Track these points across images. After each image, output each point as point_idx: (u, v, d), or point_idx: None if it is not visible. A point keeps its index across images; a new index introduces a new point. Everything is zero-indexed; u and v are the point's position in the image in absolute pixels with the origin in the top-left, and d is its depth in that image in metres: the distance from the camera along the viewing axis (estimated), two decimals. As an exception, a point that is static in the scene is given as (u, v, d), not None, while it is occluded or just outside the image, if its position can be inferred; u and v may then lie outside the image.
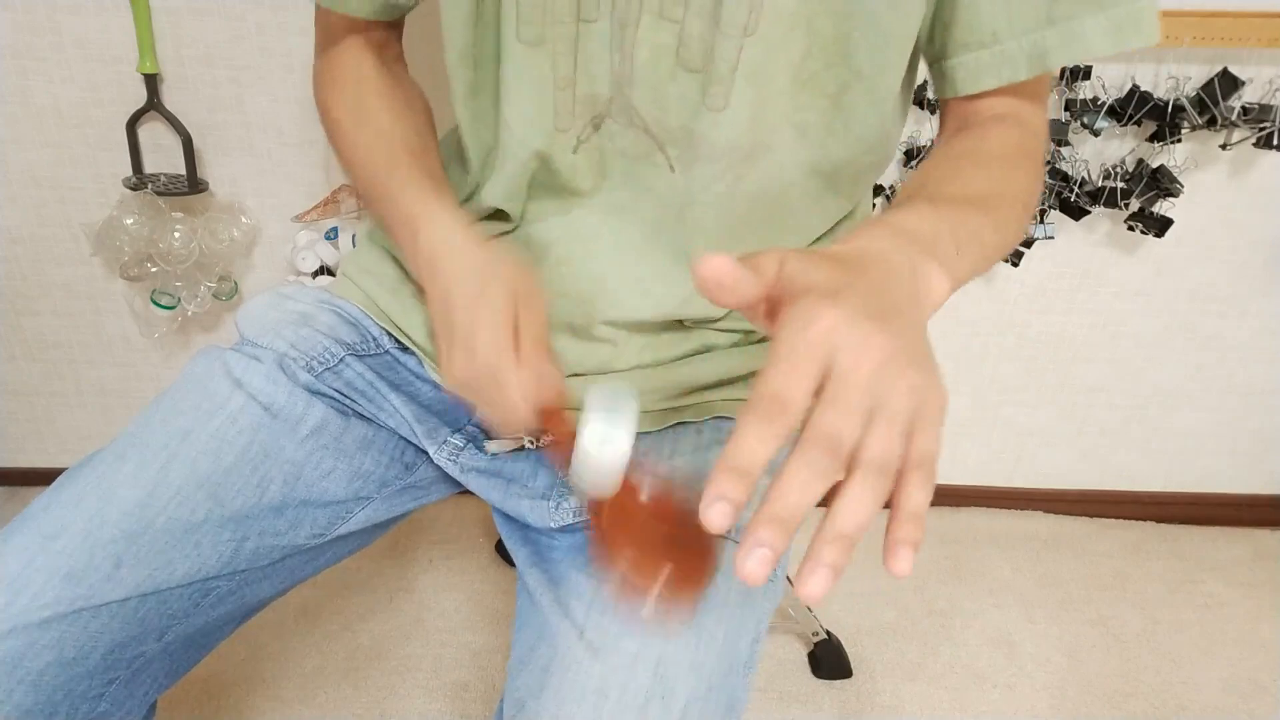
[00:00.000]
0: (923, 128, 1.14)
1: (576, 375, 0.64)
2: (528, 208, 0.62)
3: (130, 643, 0.53)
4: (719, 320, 0.64)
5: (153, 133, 1.12)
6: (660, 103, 0.54)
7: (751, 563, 0.30)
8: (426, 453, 0.65)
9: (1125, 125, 1.10)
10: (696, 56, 0.52)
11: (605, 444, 0.47)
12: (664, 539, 0.50)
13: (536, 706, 0.51)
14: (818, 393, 0.32)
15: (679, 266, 0.59)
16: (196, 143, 1.11)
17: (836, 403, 0.32)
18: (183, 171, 1.12)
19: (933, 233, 0.43)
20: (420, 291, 0.68)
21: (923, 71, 0.61)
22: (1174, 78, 1.09)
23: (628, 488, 0.50)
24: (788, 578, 1.11)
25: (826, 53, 0.53)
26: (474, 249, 0.54)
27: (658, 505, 0.51)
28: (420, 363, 0.67)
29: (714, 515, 0.31)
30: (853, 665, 1.16)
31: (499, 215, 0.63)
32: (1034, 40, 0.52)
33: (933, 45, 0.56)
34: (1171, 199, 1.14)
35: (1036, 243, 1.22)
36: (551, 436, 0.53)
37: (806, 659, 1.17)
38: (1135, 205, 1.15)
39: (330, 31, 0.66)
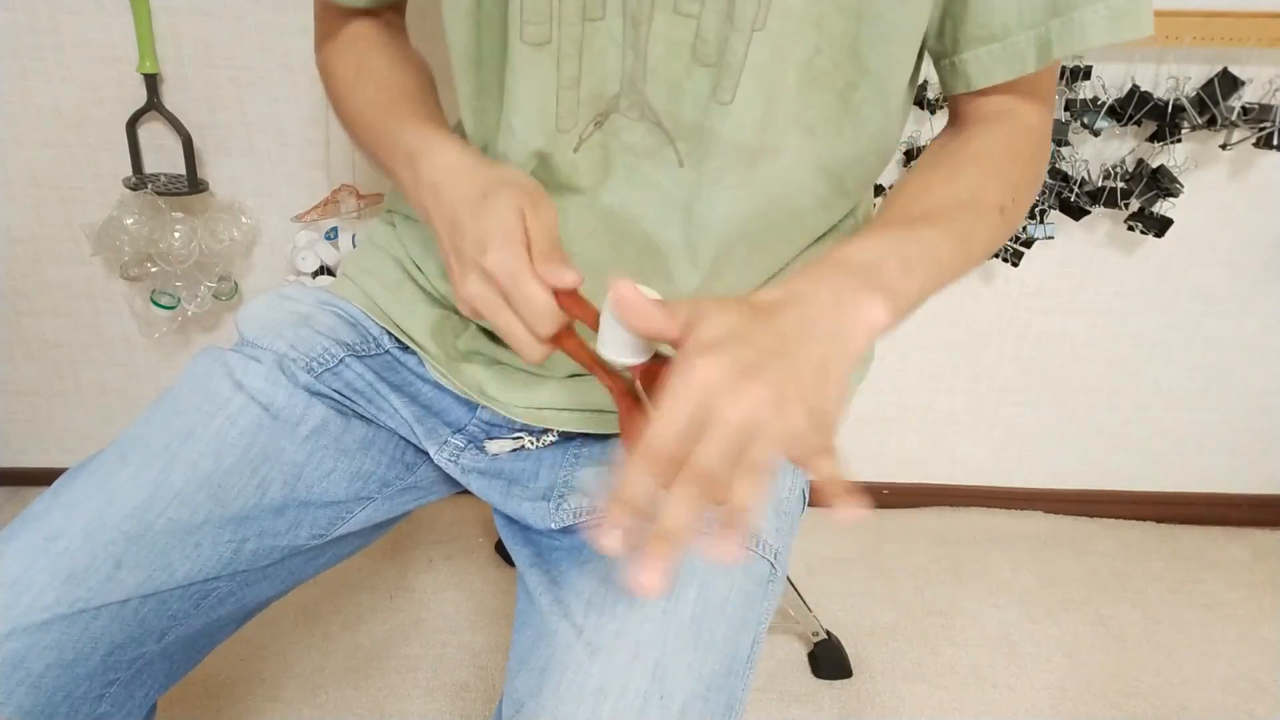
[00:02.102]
0: (923, 128, 1.14)
1: (575, 376, 0.64)
2: None
3: (130, 644, 0.53)
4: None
5: (153, 133, 1.12)
6: (675, 97, 0.54)
7: (646, 576, 0.36)
8: (427, 453, 0.66)
9: (1125, 125, 1.10)
10: (712, 51, 0.52)
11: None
12: None
13: (535, 706, 0.51)
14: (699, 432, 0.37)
15: (681, 264, 0.59)
16: (196, 143, 1.11)
17: (708, 445, 0.36)
18: (183, 171, 1.12)
19: (876, 259, 0.46)
20: (423, 294, 0.68)
21: (924, 71, 0.61)
22: (1174, 78, 1.09)
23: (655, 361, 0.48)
24: (789, 579, 1.12)
25: (835, 51, 0.53)
26: (476, 168, 0.52)
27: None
28: (420, 362, 0.67)
29: (609, 541, 0.37)
30: (853, 665, 1.16)
31: None
32: (1040, 31, 0.53)
33: (942, 40, 0.56)
34: (1171, 199, 1.14)
35: (1036, 243, 1.22)
36: (571, 344, 0.50)
37: (806, 659, 1.17)
38: (1135, 205, 1.15)
39: (328, 18, 0.67)
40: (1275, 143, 1.08)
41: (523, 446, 0.66)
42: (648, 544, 0.36)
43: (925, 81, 1.09)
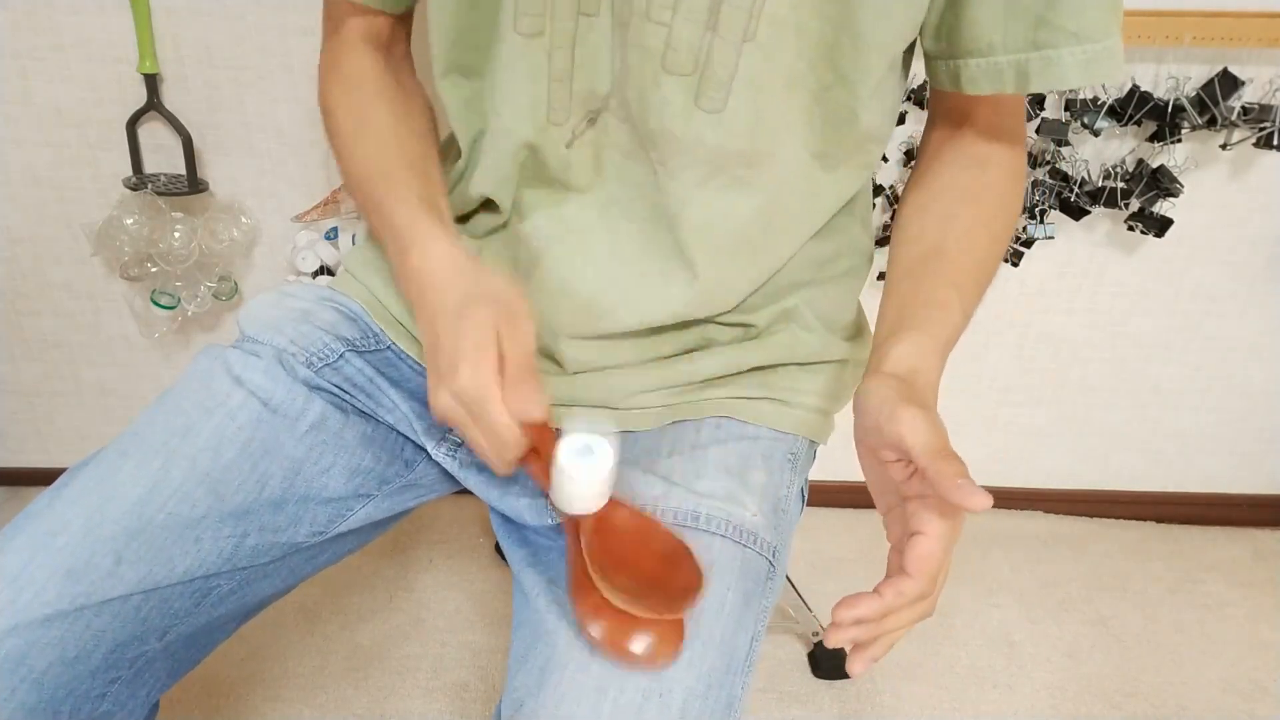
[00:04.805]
0: (922, 128, 1.14)
1: (578, 373, 0.64)
2: (521, 200, 0.61)
3: (132, 642, 0.53)
4: (721, 314, 0.64)
5: (153, 133, 1.12)
6: (643, 104, 0.54)
7: (860, 665, 0.48)
8: (426, 450, 0.66)
9: (1125, 125, 1.10)
10: (685, 61, 0.52)
11: (586, 458, 0.48)
12: (649, 558, 0.51)
13: (535, 705, 0.51)
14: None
15: (679, 264, 0.59)
16: (196, 143, 1.11)
17: (940, 582, 0.49)
18: (183, 171, 1.12)
19: (938, 372, 0.57)
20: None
21: (923, 73, 0.61)
22: (1174, 78, 1.09)
23: (610, 508, 0.50)
24: (789, 579, 1.11)
25: (812, 54, 0.53)
26: (461, 271, 0.53)
27: (640, 526, 0.52)
28: (420, 359, 0.67)
29: (839, 637, 0.47)
30: (853, 665, 1.16)
31: (489, 206, 0.63)
32: (1019, 60, 0.54)
33: (939, 44, 0.57)
34: (1171, 199, 1.14)
35: (1036, 243, 1.22)
36: (535, 468, 0.52)
37: (806, 659, 1.17)
38: (1135, 205, 1.15)
39: (338, 17, 0.65)
40: (1275, 143, 1.08)
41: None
42: (872, 645, 0.48)
43: (926, 82, 1.09)
